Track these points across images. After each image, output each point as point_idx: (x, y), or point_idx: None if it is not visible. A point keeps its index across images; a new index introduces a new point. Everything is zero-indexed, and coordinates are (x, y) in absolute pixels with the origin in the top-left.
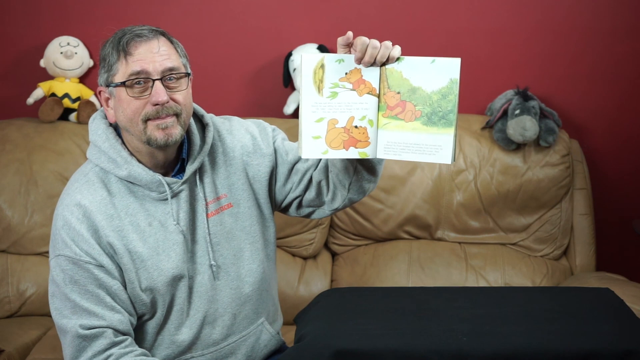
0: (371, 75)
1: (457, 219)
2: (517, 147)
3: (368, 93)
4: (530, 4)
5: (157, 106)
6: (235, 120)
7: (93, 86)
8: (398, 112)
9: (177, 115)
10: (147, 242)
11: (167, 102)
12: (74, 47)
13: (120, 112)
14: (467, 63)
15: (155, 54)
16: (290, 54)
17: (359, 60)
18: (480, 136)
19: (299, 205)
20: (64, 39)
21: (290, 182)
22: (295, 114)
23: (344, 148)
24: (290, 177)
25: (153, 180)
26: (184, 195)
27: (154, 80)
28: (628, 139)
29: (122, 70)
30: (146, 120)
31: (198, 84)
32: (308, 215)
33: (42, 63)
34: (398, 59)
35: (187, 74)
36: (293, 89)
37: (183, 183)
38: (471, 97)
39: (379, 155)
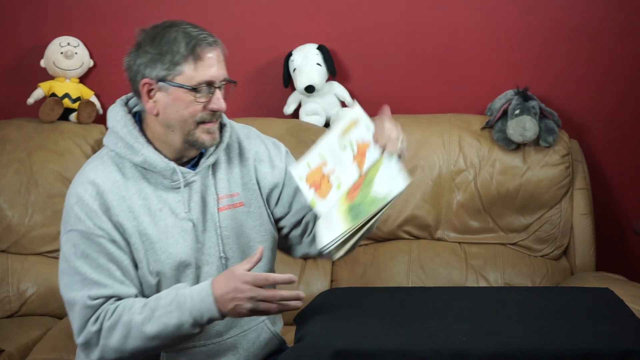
0: (371, 156)
1: (457, 219)
2: (517, 147)
3: (357, 166)
4: (531, 4)
5: (212, 112)
6: (253, 130)
7: (93, 86)
8: (352, 193)
9: (220, 120)
10: (157, 225)
11: (225, 109)
12: (74, 47)
13: (174, 111)
14: (467, 63)
15: (220, 62)
16: (290, 54)
17: (378, 142)
18: (480, 136)
19: (284, 235)
20: (64, 39)
21: (290, 207)
22: (295, 114)
23: (310, 185)
24: (292, 203)
25: (167, 167)
26: (196, 187)
27: (215, 88)
28: (628, 139)
29: (190, 74)
30: (199, 123)
31: None
32: (287, 249)
33: (42, 63)
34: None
35: (234, 82)
36: (293, 89)
37: (196, 174)
38: (471, 97)
39: (318, 213)
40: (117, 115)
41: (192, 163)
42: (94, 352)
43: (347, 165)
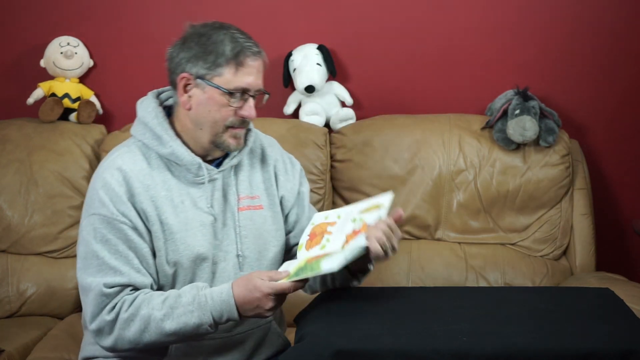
0: (357, 241)
1: (457, 219)
2: (517, 147)
3: (345, 240)
4: (531, 4)
5: (242, 118)
6: (275, 141)
7: (93, 86)
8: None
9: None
10: (179, 216)
11: (255, 117)
12: (74, 47)
13: (206, 110)
14: (467, 63)
15: (259, 73)
16: (290, 54)
17: (374, 247)
18: (480, 136)
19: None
20: (64, 39)
21: (293, 227)
22: (295, 114)
23: (310, 233)
24: (296, 224)
25: (193, 162)
26: (218, 184)
27: (250, 96)
28: (628, 139)
29: (229, 78)
30: (228, 127)
31: None
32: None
33: (42, 63)
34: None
35: (268, 94)
36: (293, 89)
37: (219, 172)
38: (471, 97)
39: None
40: (148, 106)
41: (216, 163)
42: (106, 340)
43: (341, 235)
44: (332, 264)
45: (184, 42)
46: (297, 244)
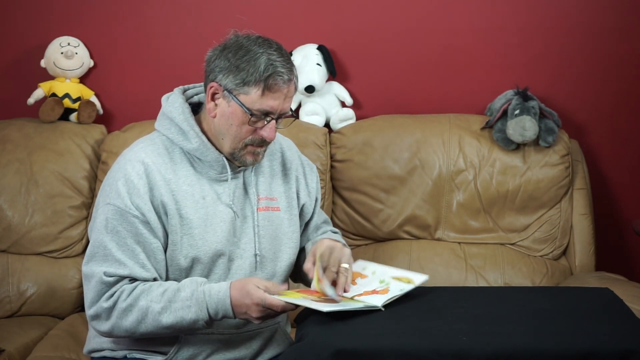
0: (371, 299)
1: (457, 219)
2: (516, 147)
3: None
4: (530, 4)
5: (262, 138)
6: (293, 143)
7: (93, 86)
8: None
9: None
10: (198, 212)
11: (273, 140)
12: (75, 47)
13: (228, 123)
14: (467, 63)
15: (287, 98)
16: (290, 54)
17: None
18: (480, 136)
19: None
20: (64, 39)
21: (307, 236)
22: (295, 114)
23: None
24: (309, 234)
25: (217, 159)
26: (239, 183)
27: (273, 118)
28: (628, 139)
29: (255, 99)
30: (247, 144)
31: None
32: None
33: (42, 63)
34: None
35: (295, 117)
36: None
37: (240, 171)
38: (471, 97)
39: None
40: (175, 102)
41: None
42: (102, 325)
43: (361, 289)
44: (327, 308)
45: (223, 49)
46: (304, 246)
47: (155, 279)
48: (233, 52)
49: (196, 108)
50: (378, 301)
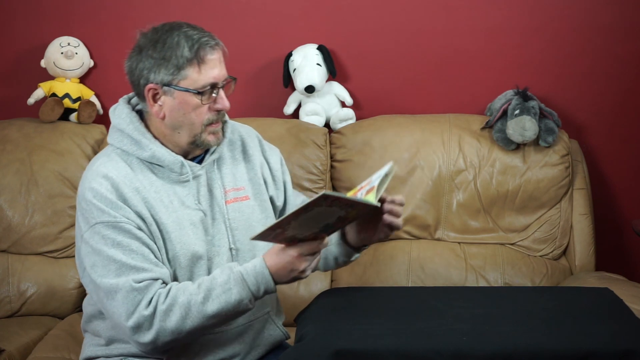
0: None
1: (457, 219)
2: (516, 147)
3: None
4: (531, 3)
5: (217, 111)
6: (253, 130)
7: (93, 86)
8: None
9: (223, 119)
10: (171, 216)
11: (229, 108)
12: (75, 47)
13: (180, 114)
14: (467, 63)
15: (221, 63)
16: (290, 54)
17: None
18: (480, 136)
19: None
20: (64, 39)
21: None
22: (295, 114)
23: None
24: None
25: (175, 161)
26: (202, 180)
27: (219, 88)
28: (628, 139)
29: (195, 78)
30: (206, 125)
31: None
32: None
33: (42, 63)
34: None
35: (234, 79)
36: (293, 89)
37: (202, 168)
38: (471, 97)
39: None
40: (122, 113)
41: (198, 159)
42: (146, 335)
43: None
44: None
45: (139, 52)
46: None
47: (171, 275)
48: (151, 48)
49: (142, 116)
50: (373, 199)
